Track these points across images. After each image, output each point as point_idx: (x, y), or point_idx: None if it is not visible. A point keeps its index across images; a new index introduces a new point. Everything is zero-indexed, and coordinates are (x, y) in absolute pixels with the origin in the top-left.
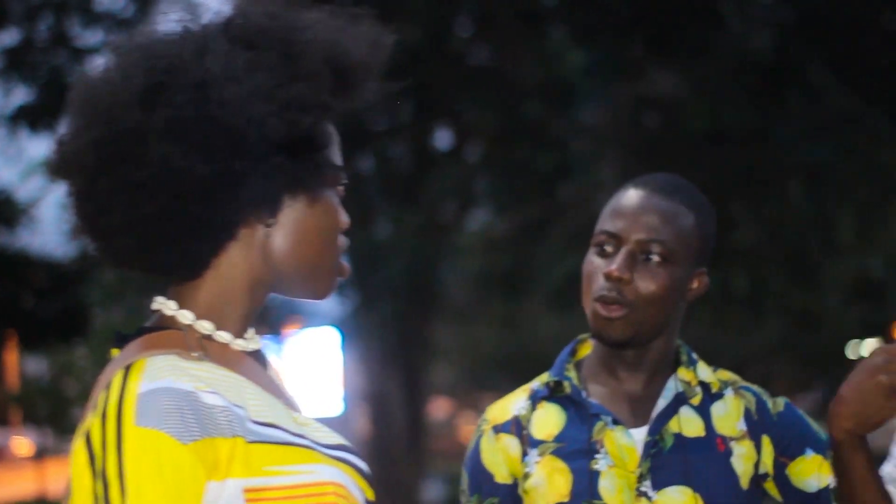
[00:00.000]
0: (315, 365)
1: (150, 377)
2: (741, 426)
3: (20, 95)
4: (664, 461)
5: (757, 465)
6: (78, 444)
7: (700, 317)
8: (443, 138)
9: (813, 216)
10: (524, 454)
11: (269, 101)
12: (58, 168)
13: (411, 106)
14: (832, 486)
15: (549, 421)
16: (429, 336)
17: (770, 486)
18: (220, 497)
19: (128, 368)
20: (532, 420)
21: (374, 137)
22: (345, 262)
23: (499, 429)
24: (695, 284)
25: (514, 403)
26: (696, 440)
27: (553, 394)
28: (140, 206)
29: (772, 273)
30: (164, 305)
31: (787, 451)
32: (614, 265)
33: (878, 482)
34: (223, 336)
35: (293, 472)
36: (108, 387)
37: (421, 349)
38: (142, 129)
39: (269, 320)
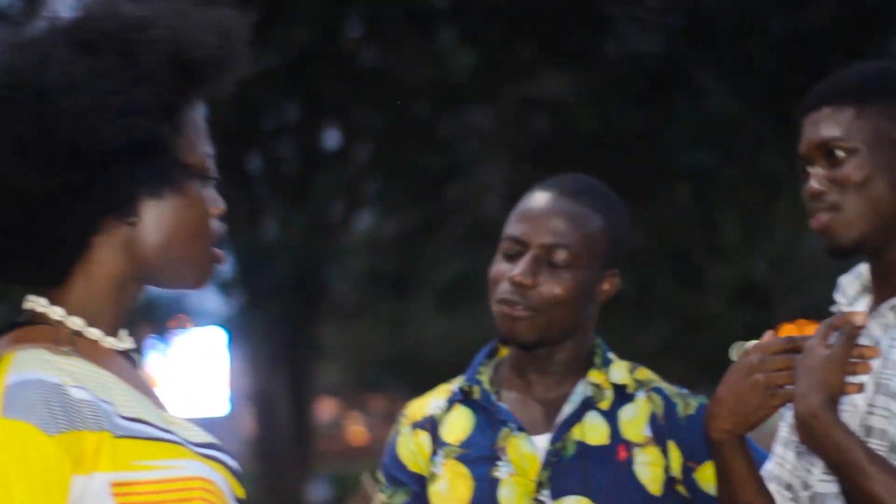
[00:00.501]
0: (201, 364)
1: (18, 369)
2: (646, 431)
3: None
4: (564, 470)
5: (667, 470)
6: None
7: None
8: (331, 138)
9: (698, 219)
10: (434, 454)
11: (105, 110)
12: None
13: (300, 106)
14: None
15: (458, 425)
16: (316, 336)
17: (681, 490)
18: (86, 491)
19: None
20: (444, 422)
21: (262, 137)
22: (218, 250)
23: (416, 425)
24: (605, 286)
25: (431, 402)
26: (599, 448)
27: (466, 397)
28: None
29: (658, 275)
30: (36, 303)
31: (693, 456)
32: (518, 270)
33: (759, 481)
34: (93, 333)
35: (161, 466)
36: None
37: (308, 350)
38: None
39: (156, 319)
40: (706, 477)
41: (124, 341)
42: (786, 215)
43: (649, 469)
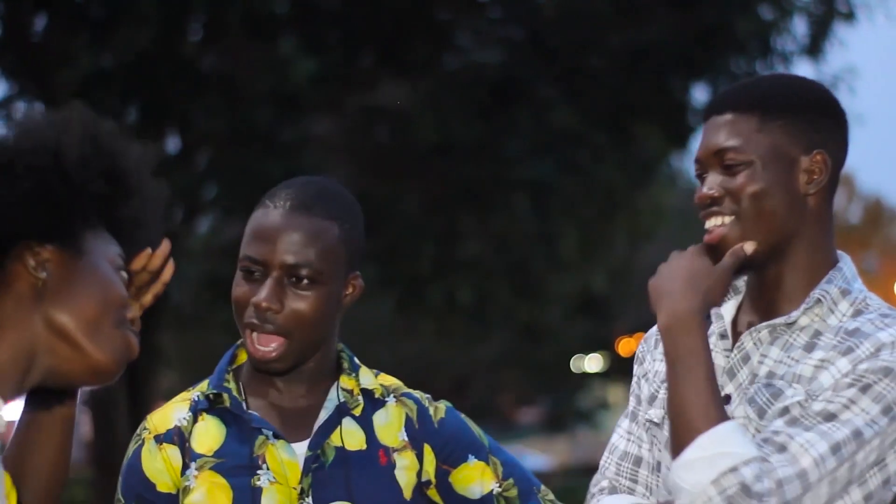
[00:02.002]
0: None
1: None
2: (402, 436)
3: None
4: (326, 476)
5: (419, 474)
6: None
7: (424, 328)
8: (171, 143)
9: (537, 231)
10: (185, 467)
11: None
12: None
13: (139, 109)
14: (496, 491)
15: (209, 434)
16: (155, 341)
17: (433, 494)
18: None
19: None
20: (193, 432)
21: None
22: (131, 336)
23: (161, 438)
24: (349, 290)
25: (175, 413)
26: (359, 453)
27: (213, 405)
28: None
29: (497, 286)
30: None
31: (448, 459)
32: (262, 295)
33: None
34: None
35: None
36: None
37: (146, 354)
38: None
39: None
40: (461, 479)
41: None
42: (624, 228)
43: (405, 473)
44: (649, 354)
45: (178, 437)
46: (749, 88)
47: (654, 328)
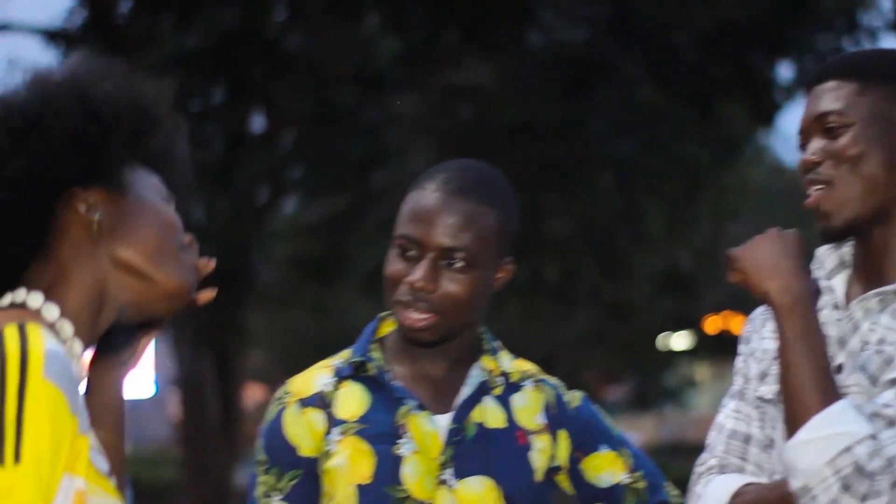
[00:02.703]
0: None
1: (51, 342)
2: (540, 419)
3: None
4: (467, 450)
5: (551, 459)
6: None
7: (510, 307)
8: (256, 123)
9: (622, 209)
10: (327, 431)
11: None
12: None
13: (225, 89)
14: (625, 482)
15: (353, 401)
16: (242, 321)
17: (562, 480)
18: (61, 489)
19: (22, 326)
20: (336, 398)
21: (186, 119)
22: (195, 260)
23: (305, 402)
24: (500, 275)
25: (317, 378)
26: (498, 431)
27: (357, 373)
28: None
29: (582, 264)
30: (30, 297)
31: (581, 446)
32: (418, 275)
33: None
34: (75, 347)
35: (96, 493)
36: (0, 335)
37: (234, 334)
38: None
39: None
40: (592, 467)
41: (83, 371)
42: (709, 206)
43: (540, 456)
44: (756, 334)
45: (322, 402)
46: (849, 58)
47: (760, 309)
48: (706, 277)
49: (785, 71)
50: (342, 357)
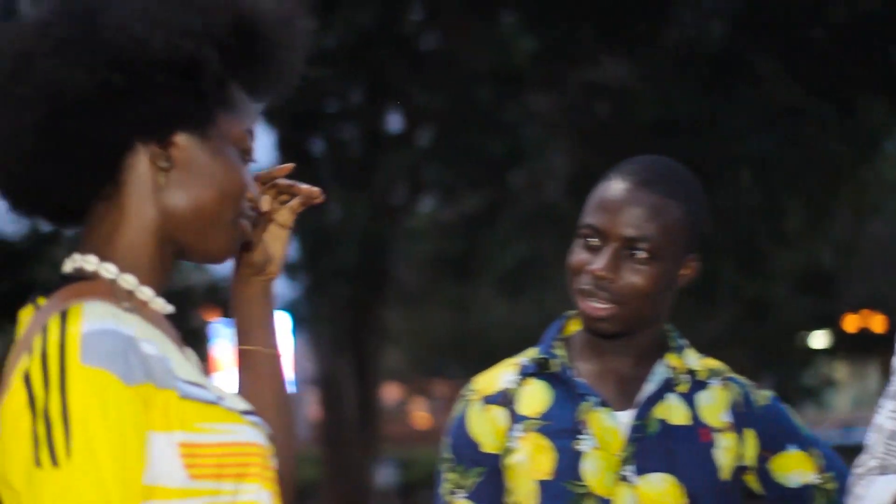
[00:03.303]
0: None
1: (91, 319)
2: (726, 418)
3: None
4: (648, 447)
5: (738, 458)
6: (15, 386)
7: None
8: (394, 122)
9: (762, 206)
10: (510, 428)
11: (153, 24)
12: None
13: (362, 89)
14: (815, 482)
15: (535, 397)
16: (380, 320)
17: (750, 479)
18: (157, 449)
19: (64, 313)
20: (519, 395)
21: (325, 120)
22: (247, 224)
23: (488, 399)
24: (685, 272)
25: (502, 376)
26: (681, 428)
27: (541, 370)
28: (21, 118)
29: (722, 263)
30: (85, 261)
31: (769, 445)
32: (599, 264)
33: None
34: (145, 292)
35: (221, 430)
36: (44, 329)
37: (373, 333)
38: (31, 52)
39: (220, 302)
40: (780, 467)
41: (168, 306)
42: (849, 202)
43: (726, 454)
44: None
45: (505, 399)
46: None
47: None
48: (845, 275)
49: None
50: (527, 355)
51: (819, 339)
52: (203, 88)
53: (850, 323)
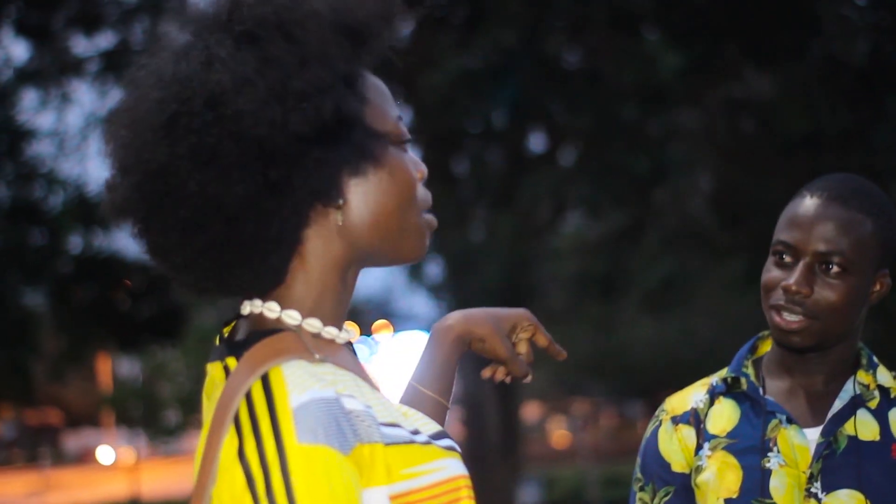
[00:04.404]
0: (408, 368)
1: (296, 389)
2: None
3: (116, 98)
4: (836, 463)
5: None
6: (231, 468)
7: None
8: (537, 141)
9: None
10: (699, 447)
11: (284, 98)
12: (112, 212)
13: (506, 109)
14: None
15: (723, 416)
16: None
17: None
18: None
19: (265, 379)
20: (709, 414)
21: (469, 140)
22: (430, 216)
23: (677, 419)
24: (877, 287)
25: (692, 396)
26: (871, 444)
27: (730, 389)
28: (193, 241)
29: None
30: (265, 308)
31: None
32: (793, 279)
33: None
34: (330, 332)
35: (427, 471)
36: (248, 398)
37: None
38: (172, 164)
39: (362, 323)
40: None
41: (349, 333)
42: None
43: None
44: None
45: (694, 419)
46: None
47: None
48: None
49: None
50: (718, 375)
51: None
52: (356, 136)
53: None
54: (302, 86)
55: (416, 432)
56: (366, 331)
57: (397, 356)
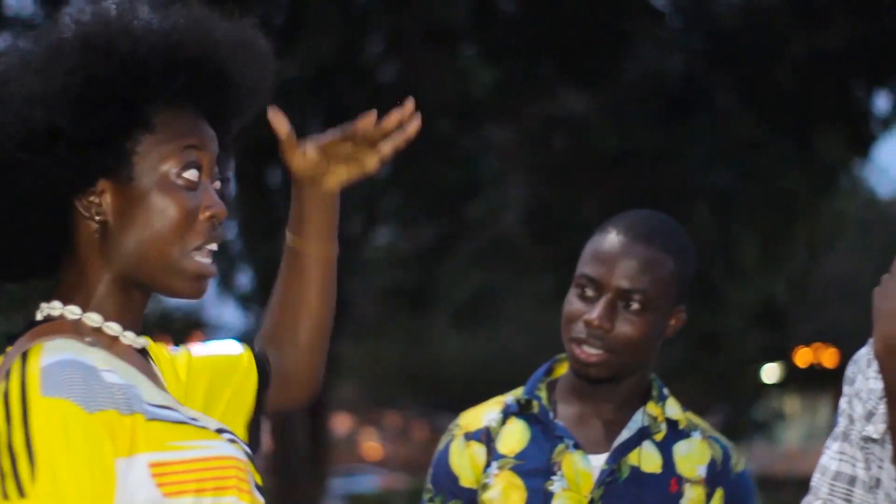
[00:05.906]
0: None
1: (50, 353)
2: (701, 471)
3: None
4: (617, 491)
5: None
6: None
7: None
8: None
9: (718, 239)
10: (487, 465)
11: (31, 100)
12: None
13: (321, 120)
14: None
15: (514, 436)
16: (335, 351)
17: None
18: (128, 474)
19: (25, 353)
20: (500, 433)
21: (281, 150)
22: (204, 261)
23: (470, 436)
24: (673, 322)
25: (486, 414)
26: (652, 476)
27: (522, 410)
28: None
29: None
30: (51, 307)
31: None
32: (595, 314)
33: None
34: (112, 328)
35: (194, 447)
36: (7, 374)
37: (327, 364)
38: None
39: (172, 331)
40: None
41: (140, 340)
42: (804, 237)
43: None
44: (860, 374)
45: (486, 437)
46: None
47: (864, 349)
48: (798, 309)
49: (882, 102)
50: (514, 394)
51: (771, 373)
52: (106, 150)
53: (802, 357)
54: (22, 92)
55: (193, 418)
56: (176, 340)
57: None
